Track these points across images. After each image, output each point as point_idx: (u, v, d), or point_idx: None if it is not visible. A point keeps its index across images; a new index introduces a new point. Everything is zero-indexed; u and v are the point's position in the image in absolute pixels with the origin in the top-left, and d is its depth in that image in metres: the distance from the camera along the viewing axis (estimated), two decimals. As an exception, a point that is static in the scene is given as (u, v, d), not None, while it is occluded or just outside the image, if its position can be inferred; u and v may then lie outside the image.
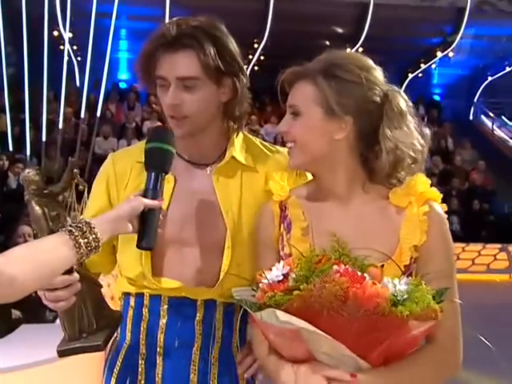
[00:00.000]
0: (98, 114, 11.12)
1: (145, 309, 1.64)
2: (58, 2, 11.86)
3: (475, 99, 18.42)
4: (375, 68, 1.47)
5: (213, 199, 1.62)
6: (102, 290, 1.62)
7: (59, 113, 10.52)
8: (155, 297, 1.63)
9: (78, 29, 12.26)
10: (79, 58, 13.74)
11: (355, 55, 1.49)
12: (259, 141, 1.75)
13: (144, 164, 1.47)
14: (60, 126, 10.42)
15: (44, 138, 10.32)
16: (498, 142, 17.02)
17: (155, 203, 1.41)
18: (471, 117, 18.50)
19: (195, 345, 1.62)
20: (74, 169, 1.47)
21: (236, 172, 1.65)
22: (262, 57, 14.64)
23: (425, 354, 1.36)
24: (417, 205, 1.45)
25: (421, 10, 14.01)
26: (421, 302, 1.20)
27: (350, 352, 1.24)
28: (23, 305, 3.37)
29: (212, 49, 1.51)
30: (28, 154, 11.15)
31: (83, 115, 11.03)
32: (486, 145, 16.44)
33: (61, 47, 12.13)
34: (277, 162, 1.67)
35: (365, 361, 1.26)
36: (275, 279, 1.28)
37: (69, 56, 12.03)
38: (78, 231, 1.29)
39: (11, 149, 11.62)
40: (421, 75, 16.41)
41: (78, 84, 13.28)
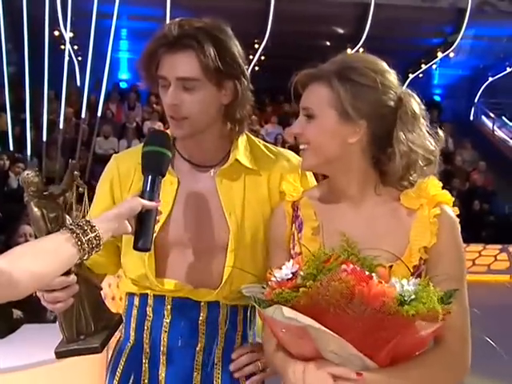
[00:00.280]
0: (99, 114, 11.14)
1: (149, 308, 1.64)
2: (59, 2, 11.85)
3: (476, 100, 18.42)
4: (389, 71, 1.46)
5: (216, 201, 1.62)
6: (103, 292, 1.61)
7: (60, 113, 10.54)
8: (159, 297, 1.63)
9: (79, 29, 12.27)
10: (80, 58, 13.73)
11: (370, 58, 1.48)
12: (262, 143, 1.75)
13: (141, 167, 1.47)
14: (61, 126, 10.44)
15: (45, 138, 10.34)
16: (499, 143, 17.01)
17: (153, 204, 1.42)
18: (472, 117, 18.50)
19: (198, 345, 1.62)
20: (75, 171, 1.47)
21: (239, 175, 1.65)
22: (263, 57, 14.62)
23: (433, 356, 1.35)
24: (428, 207, 1.44)
25: (421, 11, 14.01)
26: (427, 303, 1.20)
27: (357, 351, 1.24)
28: (24, 305, 3.37)
29: (212, 50, 1.50)
30: (29, 154, 11.14)
31: (84, 115, 11.05)
32: (487, 145, 16.43)
33: (61, 47, 12.13)
34: (280, 166, 1.67)
35: (372, 360, 1.26)
36: (284, 277, 1.29)
37: (69, 56, 12.02)
38: (79, 229, 1.29)
39: (12, 148, 11.61)
40: (421, 76, 16.38)
41: (79, 84, 13.28)
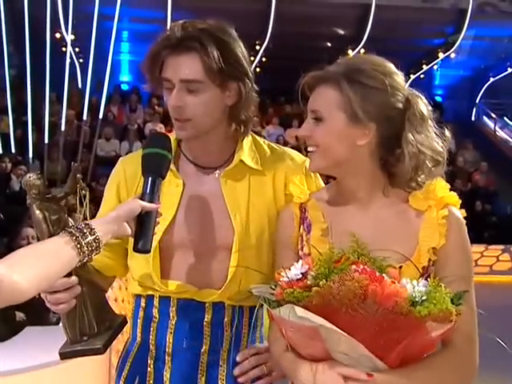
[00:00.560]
0: (100, 116, 11.17)
1: (155, 309, 1.65)
2: (61, 4, 11.87)
3: (477, 100, 18.40)
4: (397, 73, 1.46)
5: (221, 202, 1.62)
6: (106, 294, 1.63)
7: (61, 115, 10.56)
8: (164, 298, 1.63)
9: (80, 31, 12.28)
10: (81, 60, 13.75)
11: (378, 60, 1.47)
12: (267, 143, 1.75)
13: (141, 169, 1.47)
14: (62, 128, 10.46)
15: (46, 140, 10.37)
16: (501, 143, 16.98)
17: (152, 206, 1.42)
18: (473, 118, 18.48)
19: (204, 346, 1.62)
20: (78, 174, 1.48)
21: (244, 175, 1.65)
22: (264, 58, 14.62)
23: (441, 358, 1.35)
24: (436, 209, 1.45)
25: (422, 12, 14.02)
26: (439, 304, 1.20)
27: (368, 352, 1.24)
28: (27, 307, 3.37)
29: (216, 52, 1.49)
30: (30, 156, 11.15)
31: (85, 117, 11.09)
32: (488, 146, 16.41)
33: (63, 49, 12.13)
34: (285, 165, 1.67)
35: (382, 361, 1.26)
36: (294, 277, 1.28)
37: (71, 58, 12.04)
38: (79, 232, 1.29)
39: (14, 151, 11.62)
40: (423, 76, 16.37)
41: (80, 86, 13.31)
